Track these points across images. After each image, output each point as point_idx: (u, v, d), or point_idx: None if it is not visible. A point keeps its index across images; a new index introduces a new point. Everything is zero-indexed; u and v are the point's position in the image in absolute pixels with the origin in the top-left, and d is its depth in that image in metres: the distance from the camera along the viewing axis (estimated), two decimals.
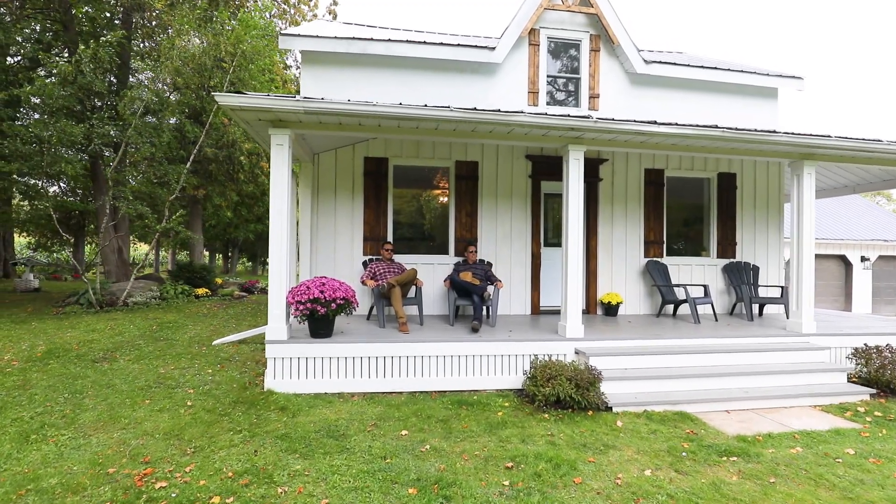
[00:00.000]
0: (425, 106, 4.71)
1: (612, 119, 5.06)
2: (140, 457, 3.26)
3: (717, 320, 7.00)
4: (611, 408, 4.59)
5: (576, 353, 5.36)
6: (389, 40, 6.86)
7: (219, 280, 15.35)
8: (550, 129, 5.06)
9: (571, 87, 7.70)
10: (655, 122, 5.16)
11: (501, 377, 5.20)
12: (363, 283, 6.02)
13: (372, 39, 6.81)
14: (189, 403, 4.35)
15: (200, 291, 12.46)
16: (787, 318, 6.84)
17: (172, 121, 12.56)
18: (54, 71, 9.24)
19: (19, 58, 12.64)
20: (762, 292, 7.97)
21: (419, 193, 7.57)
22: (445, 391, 5.05)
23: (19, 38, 10.51)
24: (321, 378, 4.90)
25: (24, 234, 20.95)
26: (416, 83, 7.07)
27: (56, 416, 3.99)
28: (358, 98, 5.83)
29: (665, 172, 7.87)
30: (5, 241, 19.26)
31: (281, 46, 6.78)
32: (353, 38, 6.77)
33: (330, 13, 17.20)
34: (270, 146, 4.91)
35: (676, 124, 5.21)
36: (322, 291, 4.76)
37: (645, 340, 5.58)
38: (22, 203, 17.65)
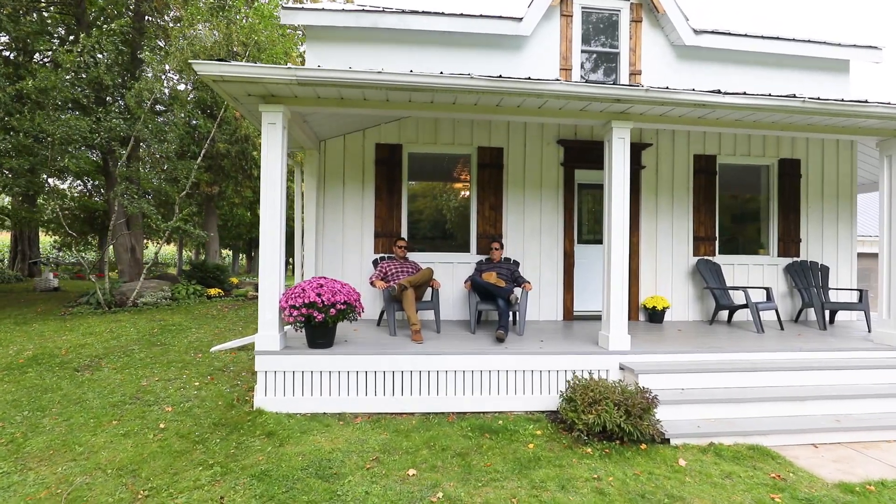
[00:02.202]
0: (441, 74, 3.94)
1: (667, 88, 4.19)
2: (78, 502, 2.60)
3: (782, 329, 6.00)
4: (668, 439, 3.73)
5: (620, 368, 4.51)
6: (403, 12, 6.12)
7: (234, 280, 14.96)
8: (592, 101, 4.22)
9: (609, 63, 6.81)
10: (719, 92, 4.27)
11: (531, 397, 4.39)
12: (372, 284, 5.30)
13: (383, 11, 6.09)
14: (162, 426, 3.70)
15: (213, 292, 12.01)
16: (869, 327, 5.84)
17: (187, 117, 12.20)
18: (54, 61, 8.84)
19: (37, 55, 12.48)
20: (831, 296, 6.91)
21: (437, 184, 6.81)
22: (465, 413, 4.28)
23: (29, 31, 10.18)
24: (319, 395, 4.19)
25: (50, 233, 21.12)
26: (432, 61, 6.30)
27: (3, 440, 3.39)
28: None
29: (717, 159, 6.89)
30: (30, 241, 19.41)
31: (284, 22, 6.13)
32: (363, 11, 6.07)
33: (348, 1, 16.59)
34: (262, 126, 4.24)
35: (745, 94, 4.30)
36: (319, 294, 4.05)
37: (703, 353, 4.68)
38: (46, 202, 17.75)
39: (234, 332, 7.58)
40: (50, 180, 14.13)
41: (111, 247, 12.46)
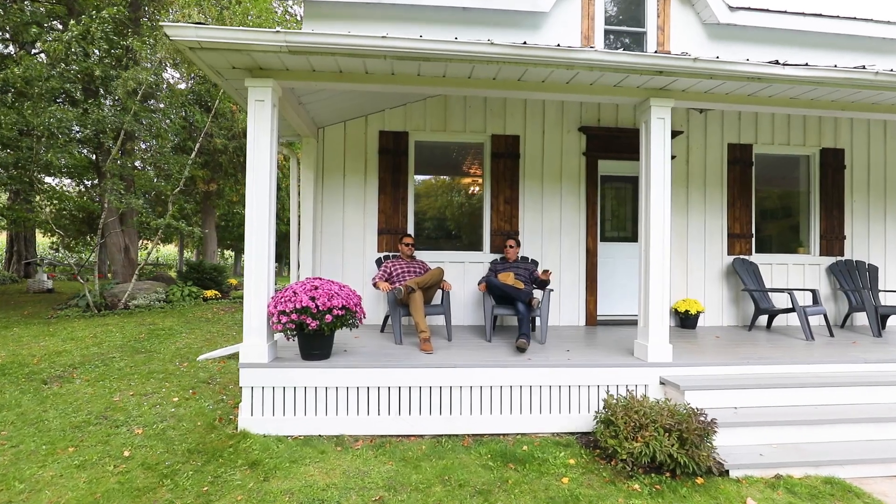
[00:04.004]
0: (455, 40, 3.37)
1: (717, 59, 3.60)
2: None
3: (832, 335, 5.38)
4: (727, 471, 3.13)
5: (661, 383, 3.91)
6: None
7: (233, 281, 14.42)
8: (630, 74, 3.64)
9: (634, 44, 6.22)
10: (777, 63, 3.68)
11: (559, 416, 3.81)
12: (375, 285, 4.72)
13: None
14: (126, 454, 3.13)
15: (209, 293, 11.50)
16: None
17: (185, 112, 11.68)
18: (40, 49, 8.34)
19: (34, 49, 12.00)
20: (881, 298, 6.27)
21: (447, 176, 6.24)
22: (482, 435, 3.69)
23: (17, 20, 9.68)
24: (314, 415, 3.61)
25: (48, 234, 20.68)
26: None
27: None
28: None
29: (753, 148, 6.28)
30: (27, 241, 18.97)
31: None
32: None
33: None
34: (248, 104, 3.68)
35: (807, 66, 3.71)
36: (314, 298, 3.47)
37: (755, 365, 4.07)
38: (41, 202, 17.25)
39: (226, 338, 7.03)
40: (47, 179, 13.65)
41: (105, 246, 11.95)
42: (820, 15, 6.16)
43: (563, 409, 3.83)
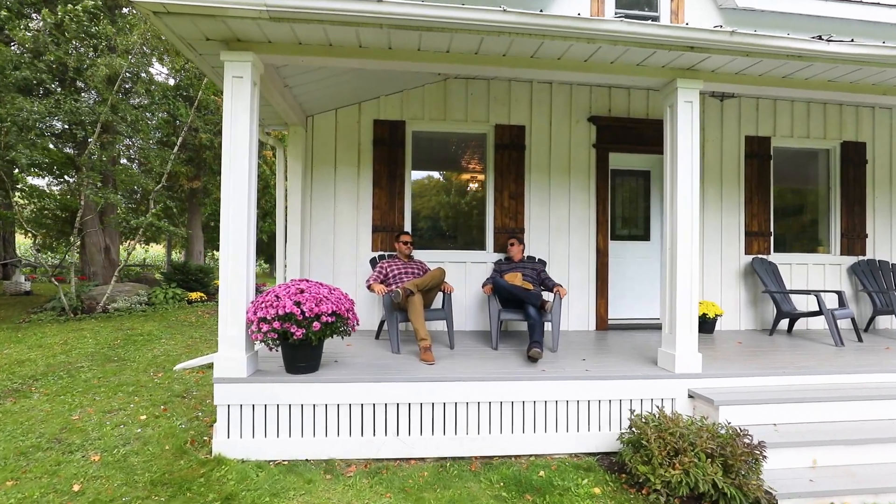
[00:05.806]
0: (462, 6, 2.94)
1: (755, 32, 3.20)
2: None
3: (861, 340, 5.02)
4: (777, 501, 2.72)
5: (689, 396, 3.51)
6: None
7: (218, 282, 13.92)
8: (658, 49, 3.23)
9: None
10: (821, 38, 3.29)
11: (577, 435, 3.39)
12: (369, 288, 4.27)
13: None
14: (76, 488, 2.65)
15: (194, 296, 10.97)
16: None
17: (169, 103, 11.14)
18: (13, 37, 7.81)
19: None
20: None
21: (447, 169, 5.80)
22: (492, 457, 3.26)
23: None
24: (300, 437, 3.16)
25: (28, 233, 19.96)
26: None
27: None
28: None
29: (772, 141, 5.91)
30: (5, 241, 18.25)
31: None
32: None
33: None
34: (224, 81, 3.22)
35: (852, 42, 3.33)
36: (299, 303, 3.02)
37: (790, 376, 3.68)
38: (23, 201, 16.56)
39: (209, 344, 6.55)
40: (28, 178, 13.01)
41: (82, 246, 11.39)
42: None
43: (581, 426, 3.41)
